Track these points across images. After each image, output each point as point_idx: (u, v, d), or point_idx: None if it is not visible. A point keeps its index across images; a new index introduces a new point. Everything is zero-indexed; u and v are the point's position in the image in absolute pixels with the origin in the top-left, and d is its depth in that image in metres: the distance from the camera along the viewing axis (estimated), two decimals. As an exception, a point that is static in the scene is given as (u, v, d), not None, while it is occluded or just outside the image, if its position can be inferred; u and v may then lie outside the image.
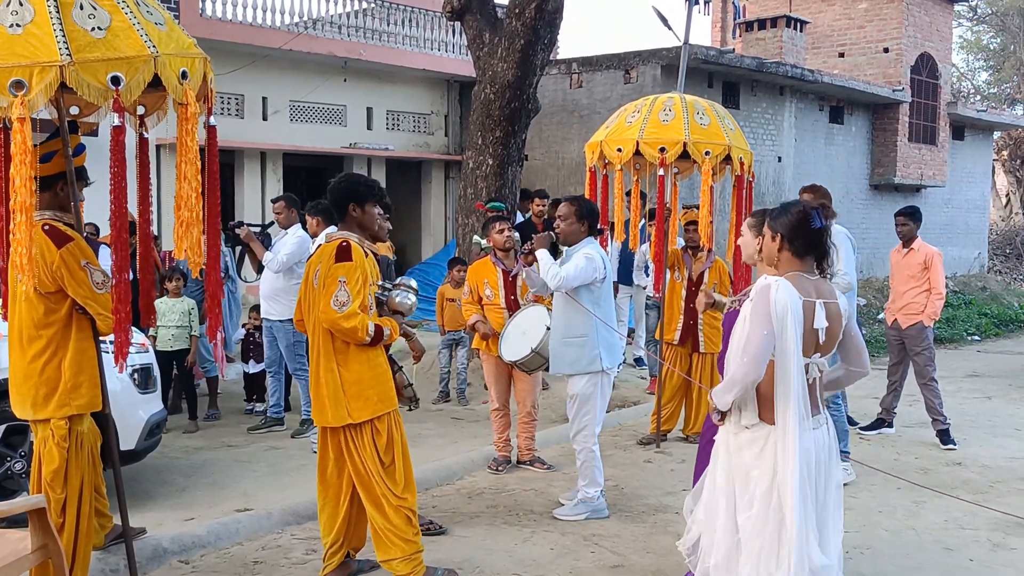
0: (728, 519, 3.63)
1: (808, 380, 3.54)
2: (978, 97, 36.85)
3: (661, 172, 7.26)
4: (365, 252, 4.64)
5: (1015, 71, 37.11)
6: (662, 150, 7.22)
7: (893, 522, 5.91)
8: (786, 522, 3.44)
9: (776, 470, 3.48)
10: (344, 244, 4.56)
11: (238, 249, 8.97)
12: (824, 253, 3.67)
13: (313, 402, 4.72)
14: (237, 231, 8.18)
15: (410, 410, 5.25)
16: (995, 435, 8.46)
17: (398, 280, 5.00)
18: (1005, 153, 30.40)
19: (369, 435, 4.59)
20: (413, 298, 4.88)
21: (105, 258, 6.43)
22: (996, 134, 27.07)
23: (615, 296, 8.94)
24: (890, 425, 8.47)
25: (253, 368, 8.95)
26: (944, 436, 7.96)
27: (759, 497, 3.51)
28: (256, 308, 8.85)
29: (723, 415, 3.68)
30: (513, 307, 6.81)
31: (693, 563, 3.94)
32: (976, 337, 16.15)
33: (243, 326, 9.32)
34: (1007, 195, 31.55)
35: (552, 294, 6.16)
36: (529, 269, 6.00)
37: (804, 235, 3.61)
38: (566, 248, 5.93)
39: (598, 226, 6.05)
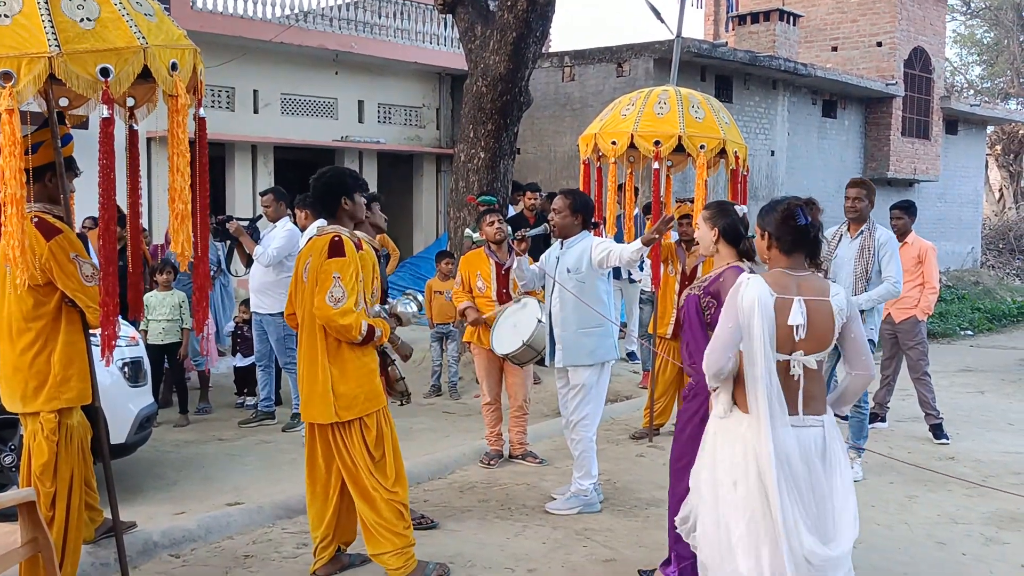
0: (711, 495, 3.64)
1: (793, 376, 3.53)
2: (971, 91, 36.89)
3: (656, 166, 7.24)
4: (357, 245, 4.62)
5: (1008, 65, 37.18)
6: (657, 143, 7.19)
7: (886, 516, 5.91)
8: (771, 510, 3.45)
9: (748, 457, 3.50)
10: (337, 239, 4.53)
11: (227, 243, 8.93)
12: (814, 249, 3.68)
13: (301, 397, 4.71)
14: (227, 225, 8.14)
15: (402, 404, 5.24)
16: (988, 429, 8.47)
17: (407, 290, 5.04)
18: (998, 148, 30.48)
19: (358, 431, 4.58)
20: (414, 307, 4.94)
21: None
22: (989, 128, 27.14)
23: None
24: (883, 420, 8.48)
25: (241, 361, 8.92)
26: (937, 430, 7.97)
27: (739, 479, 3.52)
28: (246, 302, 8.81)
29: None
30: (504, 300, 6.80)
31: (685, 532, 3.94)
32: (969, 332, 16.18)
33: (233, 319, 9.28)
34: (1000, 189, 31.63)
35: (543, 287, 6.15)
36: (520, 259, 5.95)
37: (789, 232, 3.63)
38: (562, 241, 5.92)
39: (592, 219, 6.03)
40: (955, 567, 5.10)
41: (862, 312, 6.50)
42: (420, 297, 5.11)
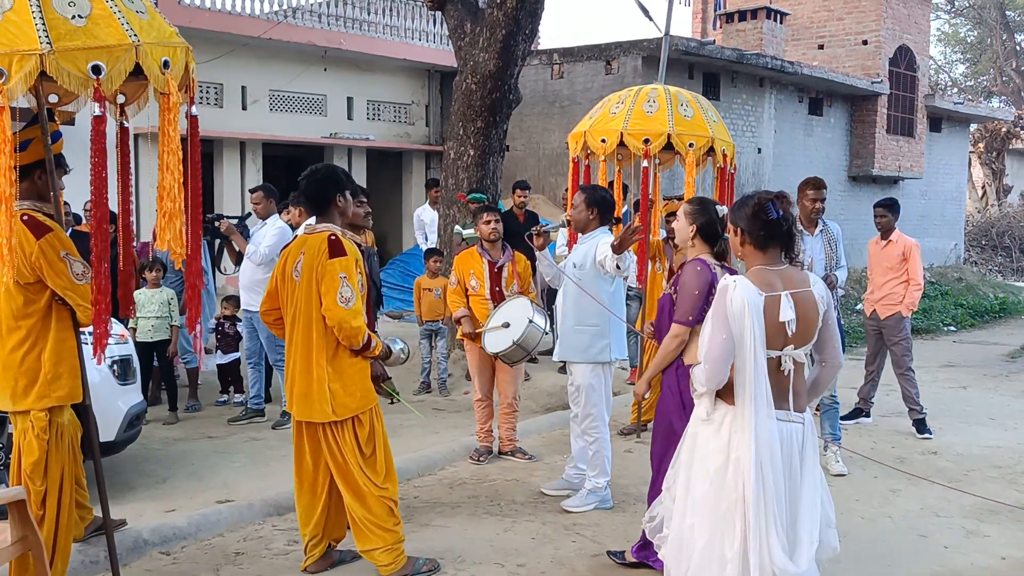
0: (685, 493, 3.66)
1: (783, 372, 3.54)
2: (955, 89, 37.11)
3: (645, 163, 7.27)
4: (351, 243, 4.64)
5: (992, 64, 37.41)
6: (646, 141, 7.22)
7: (869, 509, 5.97)
8: (747, 512, 3.44)
9: (730, 450, 3.50)
10: (334, 237, 4.51)
11: (216, 241, 8.92)
12: (789, 243, 3.66)
13: (293, 395, 4.67)
14: (217, 224, 8.13)
15: (392, 403, 5.25)
16: (969, 424, 8.55)
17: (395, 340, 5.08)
18: (981, 145, 30.66)
19: (351, 428, 4.59)
20: (406, 350, 5.03)
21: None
22: (972, 126, 27.28)
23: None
24: (867, 414, 8.55)
25: (222, 359, 8.92)
26: (920, 425, 8.04)
27: (712, 474, 3.53)
28: (227, 299, 8.79)
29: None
30: (498, 298, 6.81)
31: (650, 530, 3.96)
32: (952, 328, 16.29)
33: (214, 317, 9.25)
34: (983, 187, 31.83)
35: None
36: (540, 254, 5.96)
37: (761, 227, 3.61)
38: (580, 235, 5.93)
39: (612, 216, 5.99)
40: (936, 558, 5.17)
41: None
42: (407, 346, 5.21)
